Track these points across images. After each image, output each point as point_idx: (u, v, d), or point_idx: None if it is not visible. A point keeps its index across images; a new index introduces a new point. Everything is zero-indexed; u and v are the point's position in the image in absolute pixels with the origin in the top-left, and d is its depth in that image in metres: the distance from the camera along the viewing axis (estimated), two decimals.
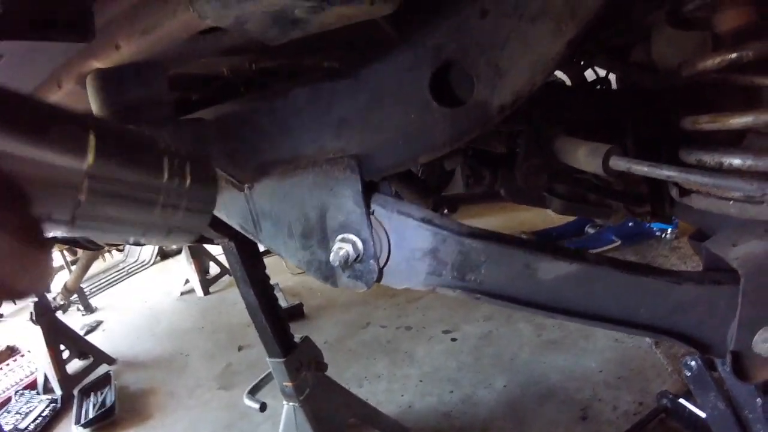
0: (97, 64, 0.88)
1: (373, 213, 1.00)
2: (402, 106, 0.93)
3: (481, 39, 0.85)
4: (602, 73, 1.86)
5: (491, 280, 0.98)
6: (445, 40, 0.88)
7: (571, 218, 5.03)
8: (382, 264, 1.02)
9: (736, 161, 0.87)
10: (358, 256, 1.01)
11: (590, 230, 5.08)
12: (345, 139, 0.98)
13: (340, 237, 1.02)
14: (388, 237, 1.01)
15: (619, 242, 4.80)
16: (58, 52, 0.88)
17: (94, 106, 0.91)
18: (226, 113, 1.07)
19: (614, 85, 1.75)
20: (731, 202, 0.95)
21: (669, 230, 4.69)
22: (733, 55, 0.86)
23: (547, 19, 0.82)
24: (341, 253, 1.00)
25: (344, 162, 0.99)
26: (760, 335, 0.90)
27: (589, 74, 1.84)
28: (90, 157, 0.45)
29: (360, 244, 1.01)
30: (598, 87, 1.86)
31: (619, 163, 0.97)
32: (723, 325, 0.93)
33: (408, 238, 1.00)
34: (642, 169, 0.92)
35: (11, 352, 4.93)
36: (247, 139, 1.06)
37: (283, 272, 5.76)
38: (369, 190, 1.00)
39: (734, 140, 0.96)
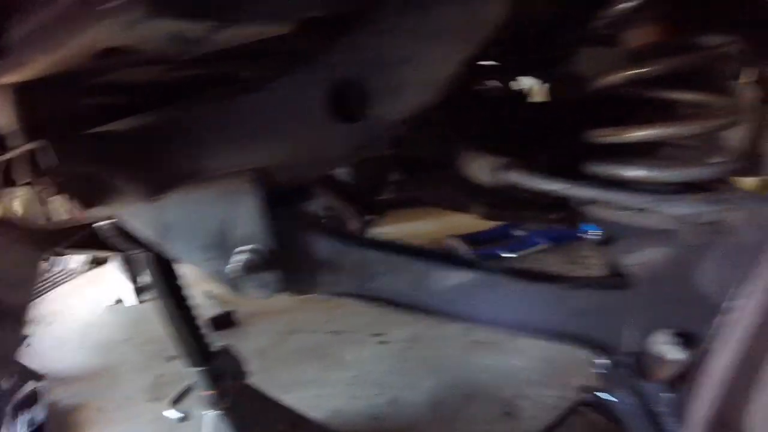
0: (9, 79, 0.89)
1: (274, 226, 1.03)
2: (301, 121, 0.97)
3: (377, 57, 0.90)
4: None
5: (388, 289, 1.04)
6: (342, 58, 0.92)
7: (501, 222, 5.16)
8: (284, 273, 1.06)
9: (631, 173, 0.93)
10: (260, 266, 1.04)
11: (518, 233, 5.22)
12: (248, 153, 1.01)
13: (243, 248, 1.05)
14: (289, 247, 1.04)
15: (545, 244, 4.95)
16: None
17: (7, 122, 0.92)
18: (135, 125, 1.08)
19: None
20: (626, 212, 1.01)
21: (593, 231, 4.85)
22: (636, 71, 0.93)
23: (443, 39, 0.87)
24: (245, 264, 1.03)
25: (247, 175, 1.02)
26: (655, 337, 0.97)
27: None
28: None
29: (263, 254, 1.04)
30: (521, 97, 1.93)
31: (511, 176, 1.04)
32: (617, 327, 1.00)
33: (308, 248, 1.04)
34: (532, 183, 0.99)
35: None
36: (154, 151, 1.07)
37: None
38: (271, 202, 1.03)
39: (649, 153, 1.02)
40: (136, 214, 1.20)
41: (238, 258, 1.04)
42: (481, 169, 1.14)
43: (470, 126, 1.43)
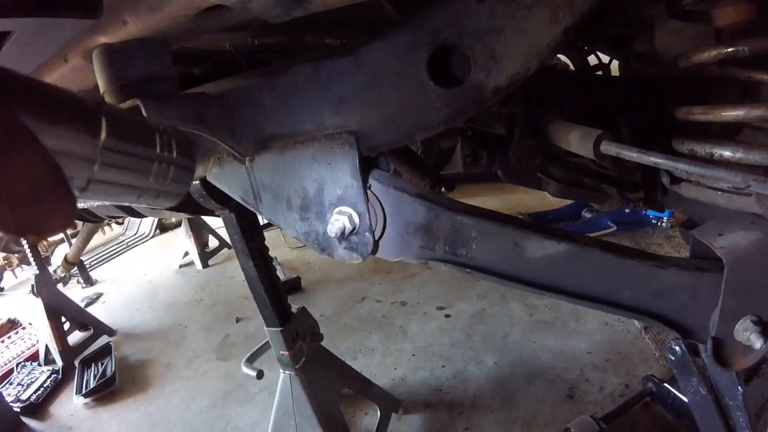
0: (104, 40, 0.90)
1: (369, 187, 1.04)
2: (400, 86, 0.96)
3: (478, 24, 0.88)
4: (606, 59, 1.88)
5: (481, 256, 1.03)
6: (443, 24, 0.90)
7: (568, 202, 5.06)
8: (377, 237, 1.06)
9: (727, 153, 0.91)
10: (354, 229, 1.06)
11: (587, 215, 5.09)
12: (344, 115, 1.01)
13: (337, 210, 1.07)
14: (383, 211, 1.05)
15: (614, 228, 4.82)
16: (67, 27, 0.90)
17: (100, 81, 0.93)
18: (228, 88, 1.09)
19: (616, 73, 1.77)
20: (719, 192, 0.99)
21: (665, 219, 4.71)
22: (729, 50, 0.90)
23: (544, 7, 0.85)
24: (338, 225, 1.04)
25: (342, 138, 1.02)
26: (741, 324, 0.94)
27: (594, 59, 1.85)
28: (104, 135, 0.56)
29: (356, 217, 1.05)
30: (599, 74, 1.88)
31: (609, 148, 1.01)
32: (705, 311, 0.97)
33: (403, 213, 1.04)
34: (631, 154, 0.96)
35: (12, 324, 4.97)
36: (248, 113, 1.08)
37: (281, 247, 5.80)
38: (366, 165, 1.04)
39: (731, 134, 1.00)
40: (227, 175, 1.22)
41: (334, 220, 1.04)
42: (578, 139, 1.10)
43: (553, 100, 1.39)
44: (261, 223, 2.06)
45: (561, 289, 1.02)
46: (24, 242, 4.19)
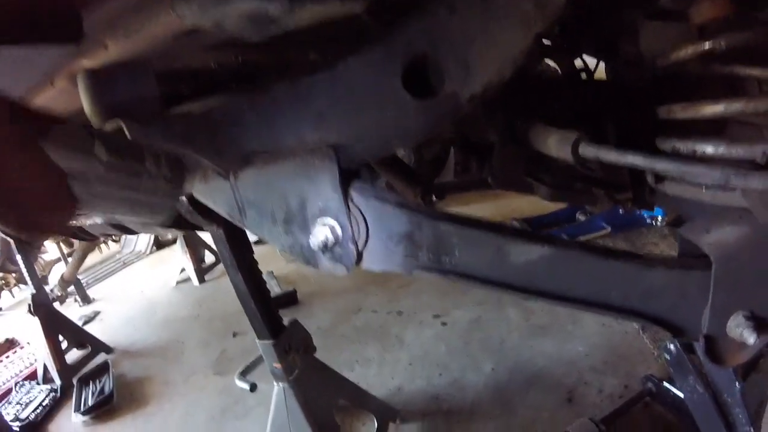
0: (87, 63, 0.92)
1: (351, 199, 1.05)
2: (376, 98, 0.97)
3: (451, 35, 0.90)
4: (593, 62, 1.89)
5: (465, 263, 1.03)
6: (416, 36, 0.92)
7: (562, 205, 5.08)
8: (360, 247, 1.07)
9: (709, 149, 0.89)
10: (337, 240, 1.06)
11: (581, 217, 5.11)
12: (323, 130, 1.03)
13: (320, 222, 1.07)
14: (366, 221, 1.05)
15: (609, 229, 4.83)
16: (50, 52, 0.91)
17: (85, 103, 0.94)
18: (212, 107, 1.10)
19: (605, 75, 1.78)
20: (703, 188, 0.98)
21: (659, 218, 4.71)
22: (705, 47, 0.90)
23: (515, 16, 0.87)
24: (320, 237, 1.06)
25: (322, 151, 1.03)
26: (733, 319, 0.94)
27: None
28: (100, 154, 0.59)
29: (338, 229, 1.06)
30: (583, 76, 1.89)
31: (587, 151, 1.02)
32: (696, 309, 0.97)
33: (385, 223, 1.05)
34: (609, 156, 0.97)
35: (10, 344, 4.96)
36: (231, 131, 1.09)
37: (277, 260, 5.80)
38: (346, 177, 1.04)
39: (717, 130, 0.98)
40: (213, 192, 1.23)
41: (317, 233, 1.05)
42: (557, 143, 1.12)
43: (537, 105, 1.41)
44: (251, 238, 2.07)
45: (547, 293, 1.03)
46: (21, 261, 4.18)
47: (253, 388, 2.40)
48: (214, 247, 6.02)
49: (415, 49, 0.92)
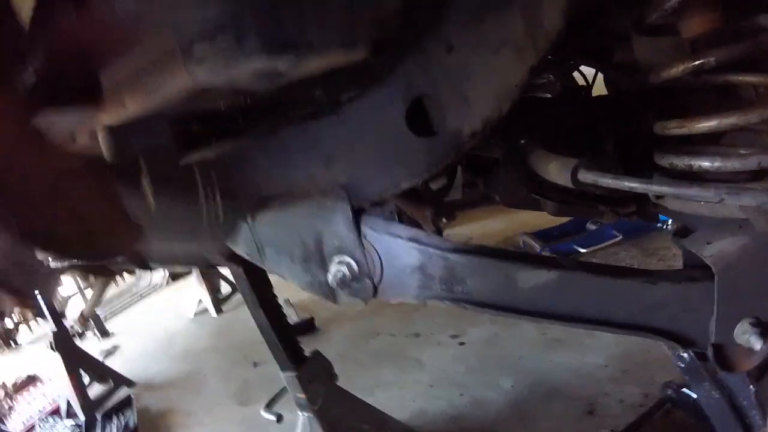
0: (107, 120, 0.97)
1: (365, 236, 1.09)
2: (382, 139, 1.02)
3: (449, 73, 0.94)
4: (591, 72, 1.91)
5: (476, 291, 1.07)
6: (416, 76, 0.96)
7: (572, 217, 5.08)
8: (376, 281, 1.11)
9: (705, 164, 0.91)
10: (354, 276, 1.11)
11: (591, 227, 5.10)
12: (334, 171, 1.07)
13: (336, 260, 1.12)
14: (380, 256, 1.10)
15: (620, 237, 4.81)
16: (73, 113, 0.97)
17: (106, 155, 0.98)
18: (225, 153, 1.15)
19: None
20: (702, 203, 0.99)
21: (670, 221, 4.70)
22: (695, 63, 0.90)
23: (510, 49, 0.90)
24: (339, 274, 1.10)
25: (334, 192, 1.08)
26: (740, 327, 0.96)
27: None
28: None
29: (354, 265, 1.11)
30: (581, 91, 1.92)
31: (586, 177, 1.05)
32: (702, 319, 0.99)
33: (398, 257, 1.09)
34: (607, 181, 1.00)
35: (32, 380, 5.01)
36: (245, 175, 1.14)
37: (293, 288, 5.80)
38: (359, 216, 1.09)
39: (714, 139, 0.99)
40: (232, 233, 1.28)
41: (334, 270, 1.10)
42: (557, 170, 1.16)
43: (537, 123, 1.44)
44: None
45: (556, 315, 1.05)
46: (39, 297, 4.23)
47: (279, 419, 2.43)
48: (230, 277, 6.07)
49: (416, 89, 0.96)
